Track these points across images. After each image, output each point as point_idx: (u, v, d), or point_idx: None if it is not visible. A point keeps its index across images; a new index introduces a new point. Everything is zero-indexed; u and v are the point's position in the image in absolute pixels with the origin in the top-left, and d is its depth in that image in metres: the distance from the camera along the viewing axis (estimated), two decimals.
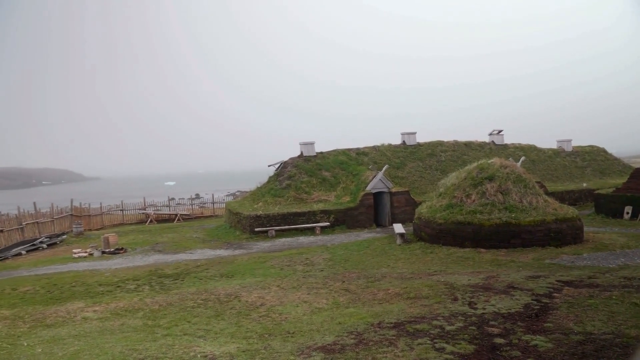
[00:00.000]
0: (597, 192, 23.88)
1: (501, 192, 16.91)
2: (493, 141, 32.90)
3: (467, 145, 31.94)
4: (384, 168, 25.15)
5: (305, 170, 26.60)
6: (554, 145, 35.84)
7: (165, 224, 31.99)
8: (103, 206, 34.15)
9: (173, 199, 47.39)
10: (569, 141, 35.63)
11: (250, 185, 35.97)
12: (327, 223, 22.87)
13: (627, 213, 20.67)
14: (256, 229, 22.40)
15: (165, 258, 18.37)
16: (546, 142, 35.21)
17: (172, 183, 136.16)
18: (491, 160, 18.98)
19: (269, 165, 28.46)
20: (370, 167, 26.32)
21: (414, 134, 31.03)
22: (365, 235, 21.35)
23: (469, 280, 10.51)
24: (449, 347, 6.20)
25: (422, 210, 18.59)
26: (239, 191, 60.11)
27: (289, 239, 21.42)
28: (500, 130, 33.42)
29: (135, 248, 21.40)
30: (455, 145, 31.55)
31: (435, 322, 7.36)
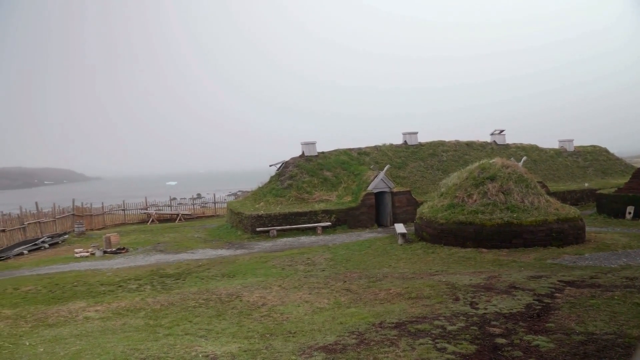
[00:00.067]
0: (599, 192, 23.84)
1: (503, 192, 16.89)
2: (495, 141, 32.87)
3: (469, 145, 31.91)
4: (386, 168, 25.14)
5: (307, 170, 26.60)
6: (555, 145, 35.81)
7: (167, 224, 32.03)
8: (105, 206, 34.20)
9: (174, 198, 47.42)
10: (571, 141, 35.58)
11: (251, 185, 36.03)
12: (329, 223, 22.87)
13: (629, 213, 20.63)
14: (258, 229, 22.41)
15: (166, 258, 18.39)
16: (548, 142, 35.22)
17: (174, 183, 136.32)
18: (493, 160, 18.96)
19: (271, 165, 28.48)
20: (371, 167, 26.30)
21: (415, 133, 31.01)
22: (366, 235, 21.35)
23: (471, 280, 10.50)
24: (451, 347, 6.20)
25: (424, 210, 18.57)
26: (240, 191, 60.15)
27: (290, 239, 21.42)
28: (502, 130, 33.39)
29: (136, 248, 21.43)
30: (457, 145, 31.53)
31: (436, 322, 7.36)
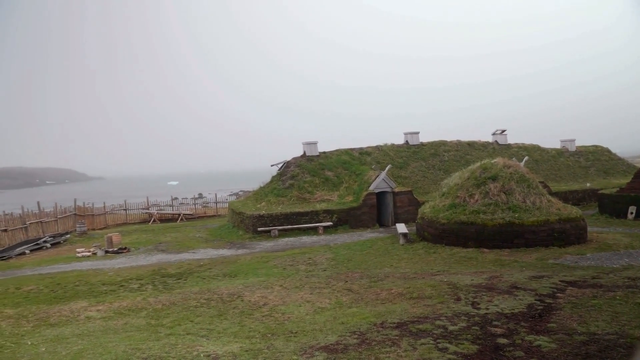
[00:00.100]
0: (600, 192, 23.79)
1: (504, 192, 16.87)
2: (496, 141, 32.84)
3: (470, 145, 31.88)
4: (387, 168, 25.13)
5: (308, 170, 26.61)
6: (557, 145, 35.74)
7: (169, 224, 32.06)
8: (106, 206, 34.25)
9: (176, 198, 47.50)
10: (573, 141, 35.52)
11: (252, 185, 36.03)
12: (330, 223, 22.87)
13: (631, 213, 20.59)
14: (259, 229, 22.42)
15: (168, 257, 18.41)
16: (549, 142, 35.15)
17: (175, 183, 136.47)
18: (494, 160, 18.93)
19: (272, 165, 28.48)
20: (373, 166, 26.30)
21: (417, 133, 30.99)
22: (368, 235, 21.35)
23: (472, 280, 10.49)
24: (452, 347, 6.20)
25: (425, 210, 18.56)
26: (242, 191, 60.19)
27: (291, 239, 21.43)
28: (503, 130, 33.36)
29: (138, 247, 21.45)
30: (459, 145, 31.50)
31: (438, 322, 7.35)
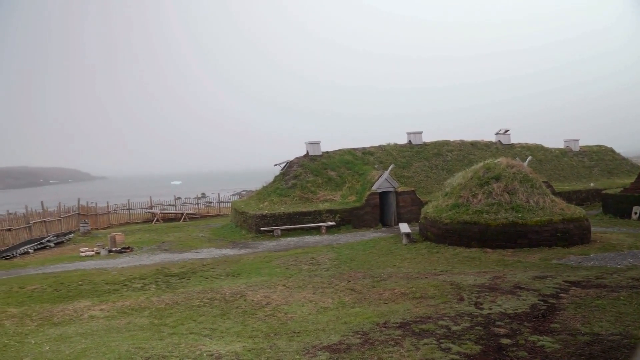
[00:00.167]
0: (604, 192, 23.71)
1: (508, 192, 16.83)
2: (500, 141, 32.76)
3: (474, 144, 31.81)
4: (390, 167, 25.10)
5: (311, 170, 26.61)
6: (560, 145, 35.63)
7: (172, 223, 32.12)
8: (110, 205, 34.33)
9: (179, 198, 47.57)
10: (576, 141, 35.39)
11: (255, 185, 36.06)
12: (333, 222, 22.86)
13: (635, 213, 20.51)
14: (262, 228, 22.44)
15: (171, 257, 18.45)
16: (550, 142, 34.97)
17: (178, 182, 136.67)
18: (498, 159, 18.88)
19: (275, 165, 28.49)
20: (376, 166, 26.28)
21: (420, 133, 30.94)
22: (371, 234, 21.33)
23: (475, 280, 10.47)
24: (455, 347, 6.19)
25: (428, 210, 18.53)
26: (244, 190, 60.22)
27: (294, 239, 21.44)
28: (506, 130, 33.27)
29: (141, 247, 21.51)
30: (462, 145, 31.43)
31: (441, 322, 7.34)
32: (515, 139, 33.78)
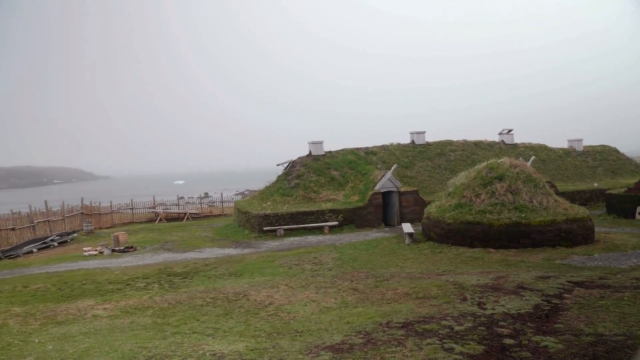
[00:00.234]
0: (608, 192, 23.62)
1: (511, 192, 16.79)
2: (503, 140, 32.68)
3: (477, 144, 31.75)
4: (393, 167, 25.07)
5: (314, 170, 26.61)
6: (564, 145, 35.52)
7: (175, 223, 32.18)
8: (113, 205, 34.42)
9: (182, 197, 47.60)
10: (580, 141, 35.28)
11: (257, 185, 36.10)
12: (336, 222, 22.86)
13: (639, 213, 20.43)
14: (265, 228, 22.46)
15: (174, 256, 18.48)
16: (551, 142, 34.84)
17: (181, 182, 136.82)
18: (501, 159, 18.84)
19: (278, 164, 28.50)
20: (379, 166, 26.26)
21: (422, 133, 30.90)
22: (373, 234, 21.32)
23: (478, 280, 10.45)
24: (458, 348, 6.18)
25: (431, 209, 18.51)
26: (247, 190, 60.26)
27: (297, 238, 21.45)
28: (510, 130, 33.19)
29: (144, 246, 21.55)
30: (465, 145, 31.38)
31: (444, 322, 7.33)
32: (518, 139, 33.70)
